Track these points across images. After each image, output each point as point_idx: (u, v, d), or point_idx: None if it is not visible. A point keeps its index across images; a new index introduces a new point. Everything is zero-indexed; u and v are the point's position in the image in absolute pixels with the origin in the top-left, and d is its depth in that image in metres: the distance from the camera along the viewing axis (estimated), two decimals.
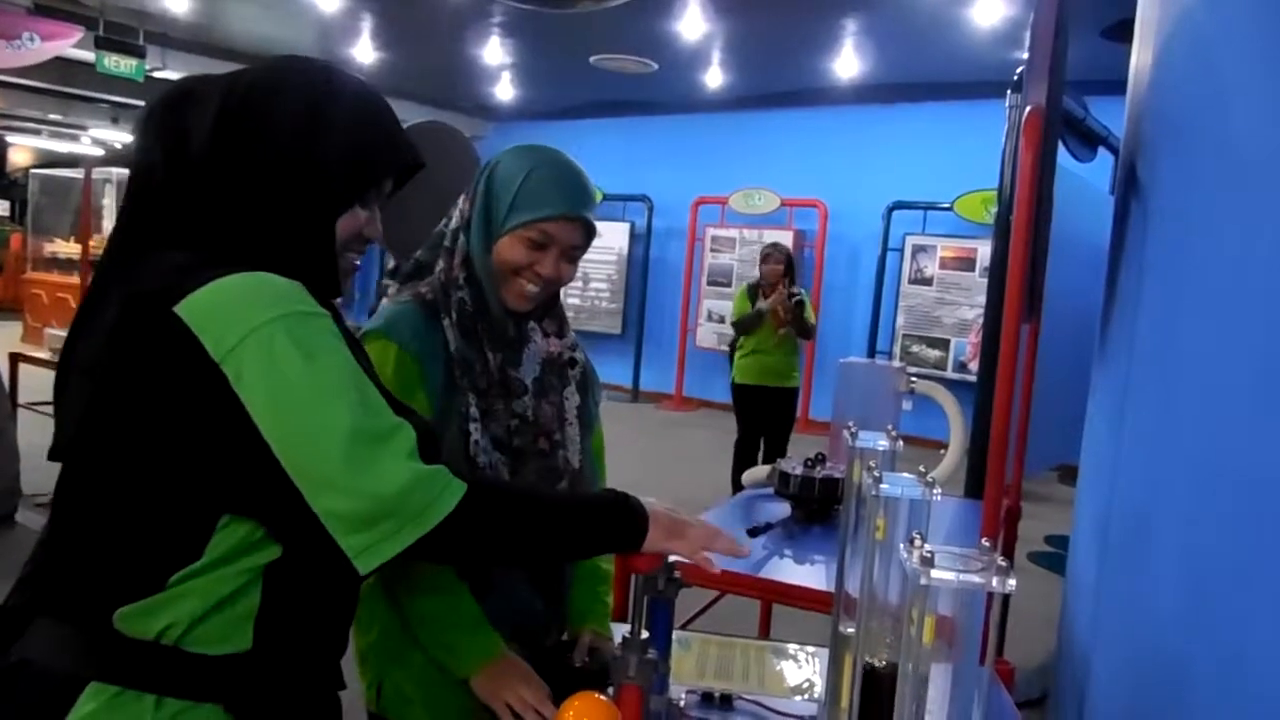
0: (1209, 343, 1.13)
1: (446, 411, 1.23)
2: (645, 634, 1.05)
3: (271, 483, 0.81)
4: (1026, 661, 3.28)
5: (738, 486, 5.56)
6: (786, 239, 9.10)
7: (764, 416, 5.38)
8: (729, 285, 8.96)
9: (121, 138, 10.62)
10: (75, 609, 0.84)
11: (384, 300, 1.32)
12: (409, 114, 4.59)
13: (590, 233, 1.29)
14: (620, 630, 1.10)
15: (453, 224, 1.32)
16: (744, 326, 5.16)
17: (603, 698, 0.91)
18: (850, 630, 1.09)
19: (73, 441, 0.86)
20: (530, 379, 1.31)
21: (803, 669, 1.46)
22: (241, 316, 0.81)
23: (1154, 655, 1.20)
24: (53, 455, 0.87)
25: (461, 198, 1.33)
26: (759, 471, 2.52)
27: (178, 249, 0.88)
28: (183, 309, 0.81)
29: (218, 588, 0.84)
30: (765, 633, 2.81)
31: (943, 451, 2.60)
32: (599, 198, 1.32)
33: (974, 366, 7.10)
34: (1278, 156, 0.96)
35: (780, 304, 5.08)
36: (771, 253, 5.27)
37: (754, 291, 5.24)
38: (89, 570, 0.84)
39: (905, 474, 0.88)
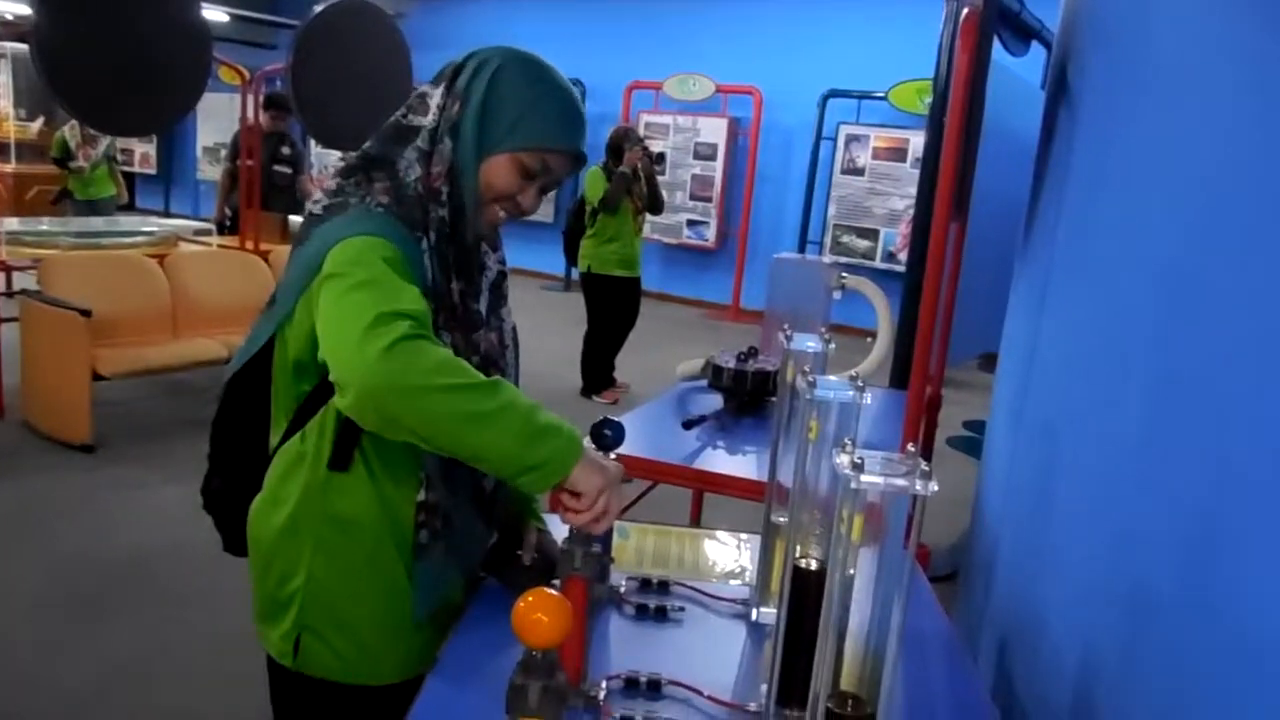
0: (1124, 236, 1.18)
1: None
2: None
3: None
4: (940, 541, 3.48)
5: (594, 387, 5.59)
6: (721, 126, 9.01)
7: (620, 309, 5.49)
8: (664, 174, 8.85)
9: (15, 8, 9.77)
10: None
11: (345, 202, 1.15)
12: None
13: (580, 166, 1.23)
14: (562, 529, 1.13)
15: (428, 122, 1.15)
16: (610, 200, 5.18)
17: (552, 591, 0.95)
18: (782, 520, 1.15)
19: None
20: (485, 309, 1.24)
21: (735, 555, 1.53)
22: None
23: (1057, 533, 1.29)
24: None
25: (436, 91, 1.17)
26: (693, 365, 2.57)
27: None
28: None
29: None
30: (697, 519, 2.91)
31: (869, 340, 2.67)
32: None
33: (903, 257, 7.23)
34: (1193, 57, 0.99)
35: (638, 162, 5.21)
36: (631, 136, 5.35)
37: (608, 173, 5.26)
38: None
39: (836, 378, 0.91)
